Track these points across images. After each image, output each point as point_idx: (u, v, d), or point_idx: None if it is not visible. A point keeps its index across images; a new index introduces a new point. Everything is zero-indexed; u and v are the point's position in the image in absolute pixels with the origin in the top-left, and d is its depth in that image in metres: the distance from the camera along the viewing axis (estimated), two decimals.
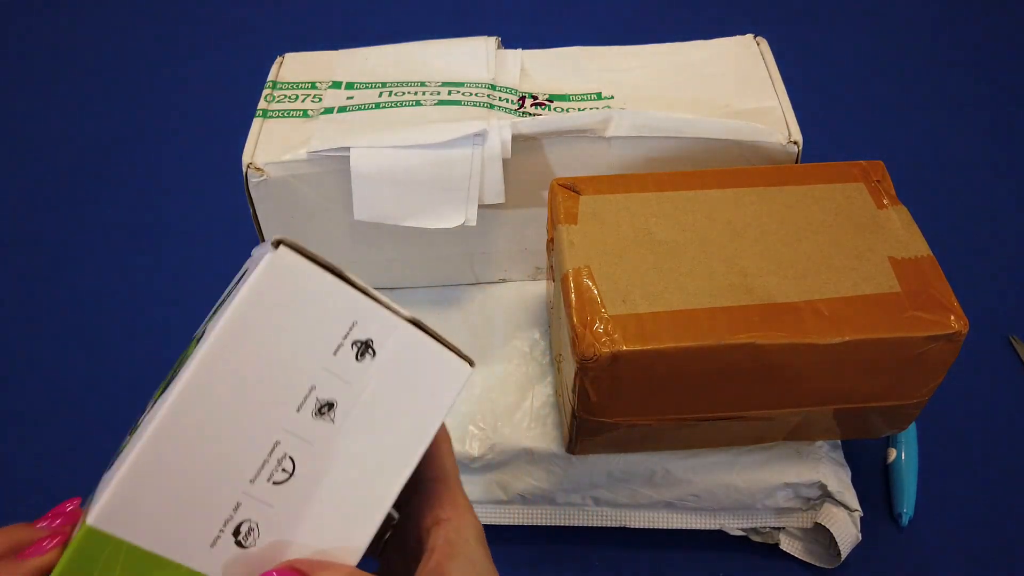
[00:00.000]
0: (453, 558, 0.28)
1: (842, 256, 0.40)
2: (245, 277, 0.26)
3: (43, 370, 0.62)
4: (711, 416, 0.41)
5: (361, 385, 0.26)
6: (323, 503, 0.26)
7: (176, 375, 0.25)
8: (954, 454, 0.54)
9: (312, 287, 0.25)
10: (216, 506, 0.25)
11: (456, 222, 0.46)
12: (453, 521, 0.29)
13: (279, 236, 0.25)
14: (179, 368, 0.26)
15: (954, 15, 0.91)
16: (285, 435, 0.25)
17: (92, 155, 0.79)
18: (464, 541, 0.29)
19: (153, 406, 0.26)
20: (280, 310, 0.25)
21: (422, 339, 0.27)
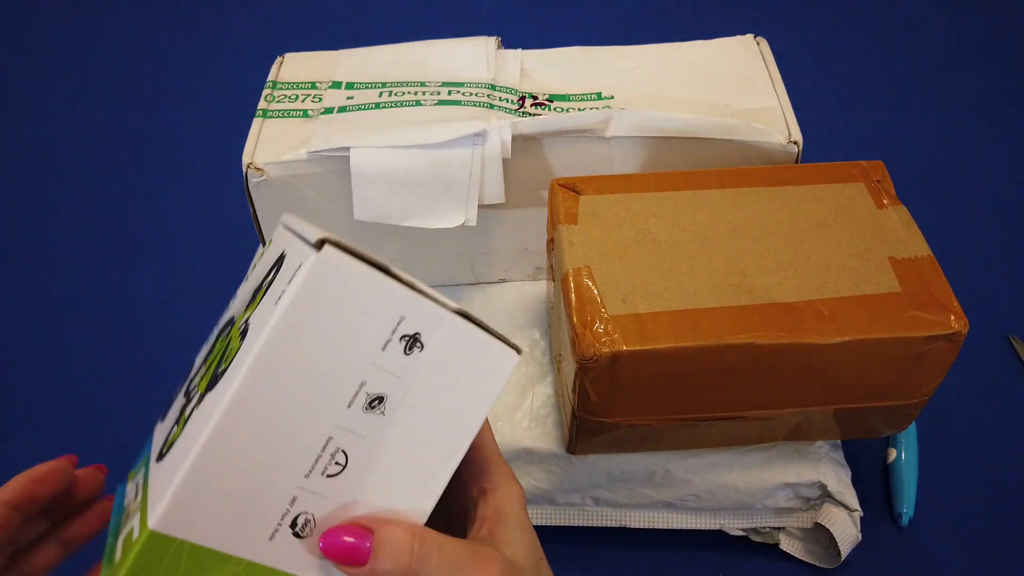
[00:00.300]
0: (505, 524, 0.29)
1: (842, 256, 0.40)
2: (286, 269, 0.25)
3: (43, 370, 0.62)
4: (711, 416, 0.41)
5: (411, 377, 0.26)
6: (376, 490, 0.27)
7: (225, 367, 0.25)
8: (954, 454, 0.54)
9: (359, 285, 0.25)
10: (273, 502, 0.25)
11: (456, 222, 0.46)
12: (501, 490, 0.30)
13: (323, 234, 0.24)
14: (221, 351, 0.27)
15: (954, 15, 0.92)
16: (337, 431, 0.26)
17: (92, 155, 0.79)
18: (512, 509, 0.30)
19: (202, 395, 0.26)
20: (328, 310, 0.24)
21: (470, 329, 0.27)
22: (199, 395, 0.27)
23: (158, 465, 0.27)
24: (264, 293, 0.26)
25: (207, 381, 0.27)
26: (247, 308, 0.28)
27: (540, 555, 0.30)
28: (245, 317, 0.27)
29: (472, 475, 0.31)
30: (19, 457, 0.57)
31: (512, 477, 0.31)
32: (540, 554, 0.31)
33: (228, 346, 0.27)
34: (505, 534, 0.29)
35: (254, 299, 0.27)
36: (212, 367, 0.27)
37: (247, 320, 0.26)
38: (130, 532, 0.26)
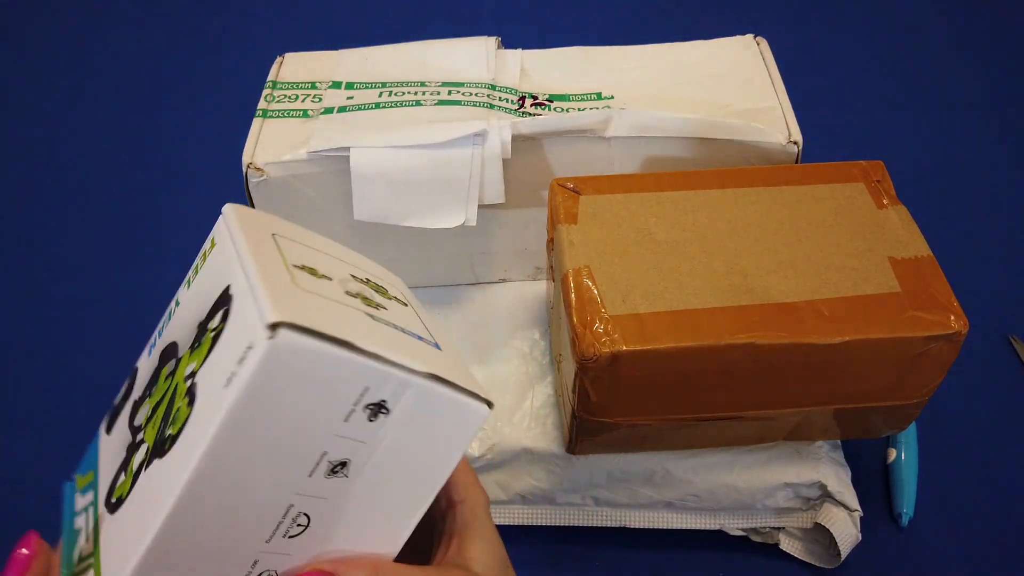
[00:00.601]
0: (472, 539, 0.29)
1: (842, 256, 0.40)
2: (234, 338, 0.24)
3: (42, 370, 0.62)
4: (711, 416, 0.41)
5: (375, 441, 0.25)
6: (340, 540, 0.27)
7: (174, 432, 0.24)
8: (954, 454, 0.54)
9: (318, 365, 0.23)
10: (234, 567, 0.25)
11: (456, 222, 0.46)
12: (467, 502, 0.30)
13: (277, 316, 0.22)
14: (166, 400, 0.26)
15: (954, 15, 0.91)
16: (298, 498, 0.25)
17: (91, 155, 0.79)
18: (478, 520, 0.30)
19: (150, 451, 0.25)
20: (285, 393, 0.23)
21: (439, 390, 0.26)
22: (148, 449, 0.26)
23: (111, 517, 0.26)
24: (211, 342, 0.25)
25: (154, 433, 0.26)
26: (192, 350, 0.26)
27: (506, 563, 0.30)
28: (191, 366, 0.25)
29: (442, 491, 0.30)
30: (19, 457, 0.57)
31: (477, 484, 0.31)
32: (506, 562, 0.31)
33: (173, 400, 0.25)
34: (473, 549, 0.29)
35: (200, 341, 0.26)
36: (158, 419, 0.26)
37: (194, 377, 0.25)
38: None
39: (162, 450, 0.24)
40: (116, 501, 0.26)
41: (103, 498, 0.27)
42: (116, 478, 0.27)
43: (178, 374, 0.26)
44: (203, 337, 0.25)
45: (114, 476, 0.27)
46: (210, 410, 0.23)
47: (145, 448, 0.25)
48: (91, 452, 0.30)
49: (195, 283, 0.28)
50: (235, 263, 0.26)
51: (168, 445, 0.24)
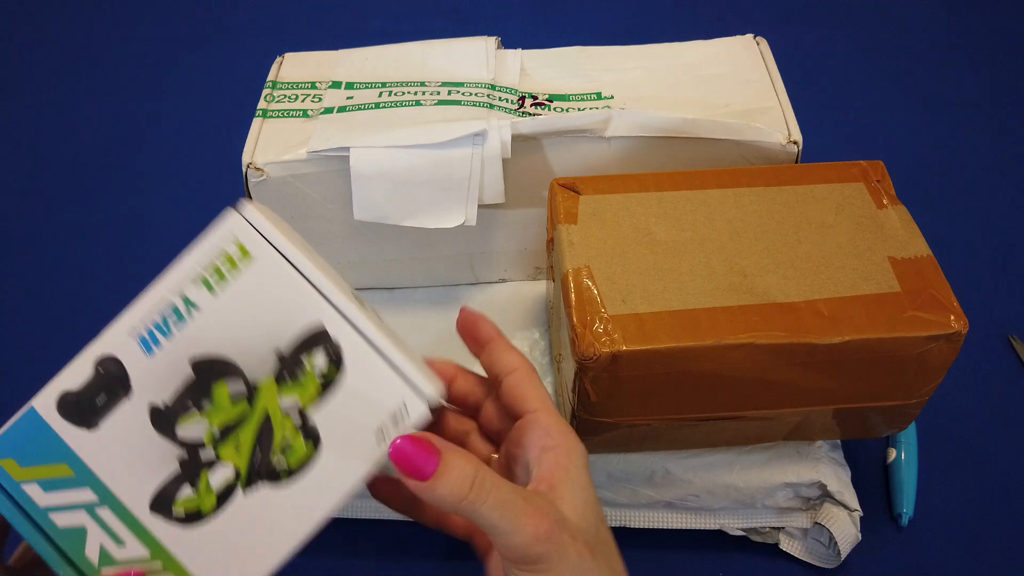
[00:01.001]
0: (563, 481, 0.29)
1: (842, 256, 0.40)
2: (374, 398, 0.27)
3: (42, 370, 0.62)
4: (711, 416, 0.41)
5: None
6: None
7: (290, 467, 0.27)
8: (954, 454, 0.54)
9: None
10: None
11: (456, 222, 0.46)
12: (562, 447, 0.30)
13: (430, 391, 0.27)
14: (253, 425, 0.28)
15: (954, 15, 0.92)
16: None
17: (91, 155, 0.79)
18: (574, 466, 0.30)
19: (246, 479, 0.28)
20: None
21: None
22: (239, 474, 0.27)
23: (184, 530, 0.27)
24: (321, 387, 0.27)
25: (246, 459, 0.27)
26: (283, 383, 0.28)
27: (600, 518, 0.30)
28: (292, 401, 0.27)
29: (534, 438, 0.31)
30: None
31: (574, 437, 0.31)
32: (601, 517, 0.30)
33: (272, 430, 0.27)
34: (563, 490, 0.29)
35: (296, 377, 0.27)
36: (247, 444, 0.27)
37: (306, 416, 0.27)
38: None
39: (276, 479, 0.26)
40: (189, 516, 0.27)
41: (142, 504, 0.27)
42: (170, 489, 0.27)
43: (265, 404, 0.27)
44: (299, 374, 0.27)
45: (162, 486, 0.27)
46: (356, 461, 0.26)
47: (232, 470, 0.27)
48: (40, 441, 0.28)
49: (230, 295, 0.28)
50: (318, 300, 0.28)
51: (285, 476, 0.26)
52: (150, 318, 0.29)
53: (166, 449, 0.28)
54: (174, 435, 0.28)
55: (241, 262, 0.28)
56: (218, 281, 0.28)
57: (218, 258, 0.28)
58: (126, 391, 0.28)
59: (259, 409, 0.27)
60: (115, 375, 0.28)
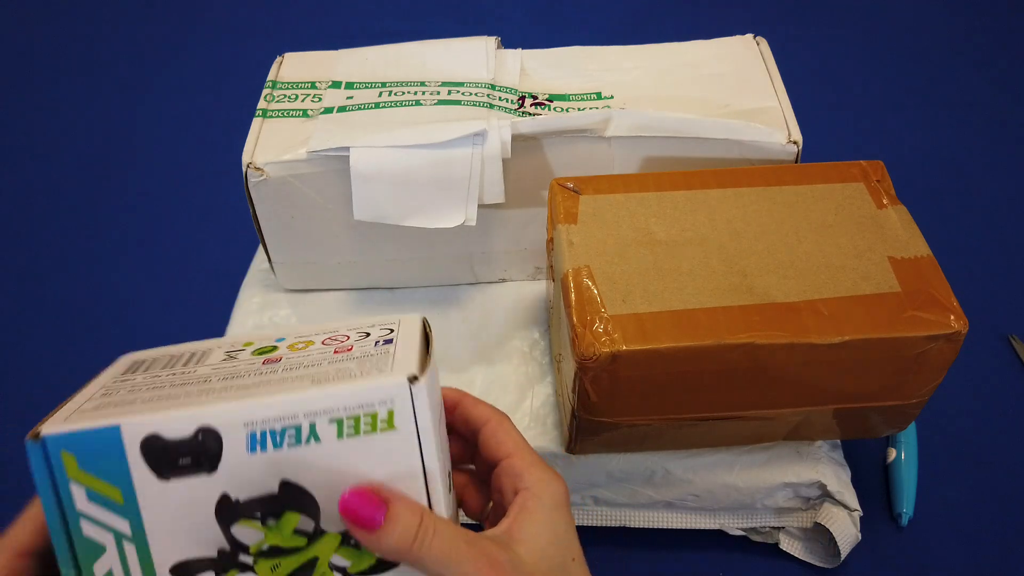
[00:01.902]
0: (525, 522, 0.29)
1: (842, 256, 0.40)
2: None
3: (41, 370, 0.62)
4: (711, 416, 0.41)
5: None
6: None
7: None
8: (954, 454, 0.54)
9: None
10: None
11: (456, 222, 0.46)
12: (531, 488, 0.31)
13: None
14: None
15: (954, 15, 0.92)
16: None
17: (91, 155, 0.79)
18: (541, 505, 0.30)
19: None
20: None
21: None
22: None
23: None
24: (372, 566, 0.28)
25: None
26: (346, 545, 0.28)
27: (571, 555, 0.30)
28: (342, 560, 0.28)
29: (508, 483, 0.31)
30: (19, 457, 0.57)
31: (548, 476, 0.31)
32: (572, 555, 0.31)
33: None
34: (522, 531, 0.29)
35: (357, 546, 0.28)
36: (284, 573, 0.28)
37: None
38: None
39: None
40: None
41: (165, 563, 0.28)
42: (197, 567, 0.28)
43: (320, 550, 0.28)
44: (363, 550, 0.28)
45: (191, 559, 0.28)
46: None
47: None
48: (108, 459, 0.28)
49: (353, 446, 0.28)
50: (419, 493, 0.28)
51: None
52: (271, 423, 0.28)
53: (214, 534, 0.28)
54: (228, 529, 0.28)
55: (382, 428, 0.28)
56: (351, 431, 0.28)
57: (365, 412, 0.28)
58: (211, 469, 0.28)
59: (312, 551, 0.28)
60: (210, 451, 0.28)
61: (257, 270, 0.56)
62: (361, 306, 0.54)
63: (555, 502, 0.31)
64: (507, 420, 0.34)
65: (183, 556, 0.28)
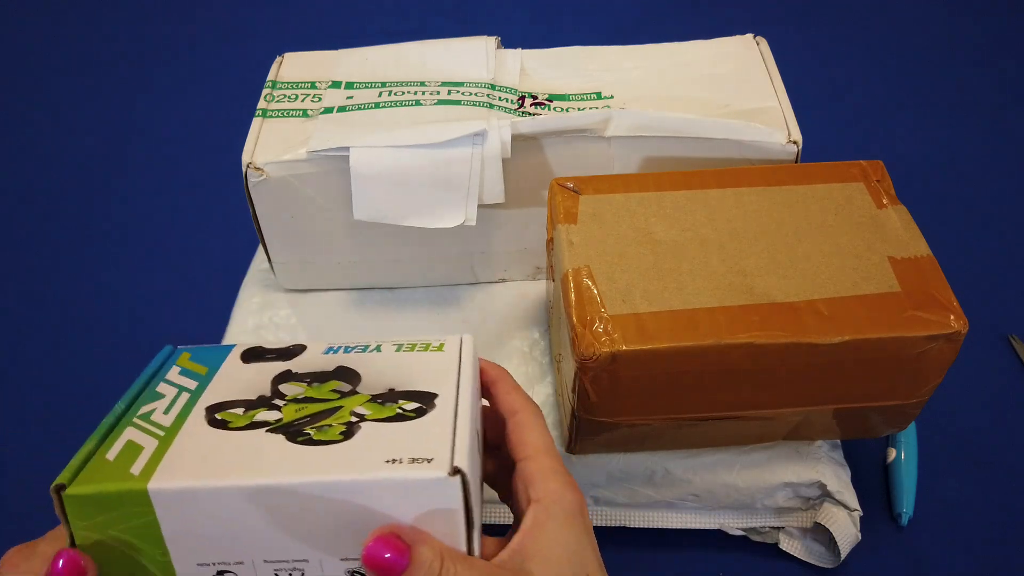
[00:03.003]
0: (537, 538, 0.29)
1: (842, 256, 0.40)
2: None
3: (41, 370, 0.62)
4: (711, 416, 0.41)
5: None
6: None
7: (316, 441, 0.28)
8: (954, 454, 0.54)
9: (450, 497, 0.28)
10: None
11: (456, 222, 0.46)
12: (542, 500, 0.30)
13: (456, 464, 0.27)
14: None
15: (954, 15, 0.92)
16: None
17: (92, 155, 0.79)
18: (552, 518, 0.29)
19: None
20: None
21: None
22: (280, 420, 0.30)
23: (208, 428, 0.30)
24: (394, 416, 0.30)
25: (291, 415, 0.30)
26: (373, 401, 0.31)
27: (587, 569, 0.30)
28: (363, 409, 0.30)
29: (521, 489, 0.31)
30: (18, 457, 0.57)
31: (559, 483, 0.30)
32: (588, 568, 0.30)
33: (329, 415, 0.30)
34: (535, 546, 0.29)
35: (385, 403, 0.31)
36: (304, 411, 0.30)
37: (362, 420, 0.30)
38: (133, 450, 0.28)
39: (293, 437, 0.28)
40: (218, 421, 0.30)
41: (203, 405, 0.31)
42: (225, 405, 0.31)
43: (347, 402, 0.30)
44: (389, 403, 0.30)
45: (230, 400, 0.31)
46: (360, 466, 0.27)
47: (277, 417, 0.30)
48: (213, 353, 0.35)
49: (407, 357, 0.34)
50: (452, 390, 0.31)
51: (300, 439, 0.28)
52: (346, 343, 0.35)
53: (262, 388, 0.32)
54: (277, 385, 0.32)
55: (431, 349, 0.34)
56: (409, 349, 0.35)
57: (419, 344, 0.35)
58: (288, 359, 0.34)
59: (340, 402, 0.30)
60: (295, 353, 0.34)
61: (257, 270, 0.56)
62: (361, 306, 0.54)
63: (567, 514, 0.30)
64: (535, 416, 0.33)
65: (225, 398, 0.31)
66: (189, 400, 0.31)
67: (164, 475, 0.26)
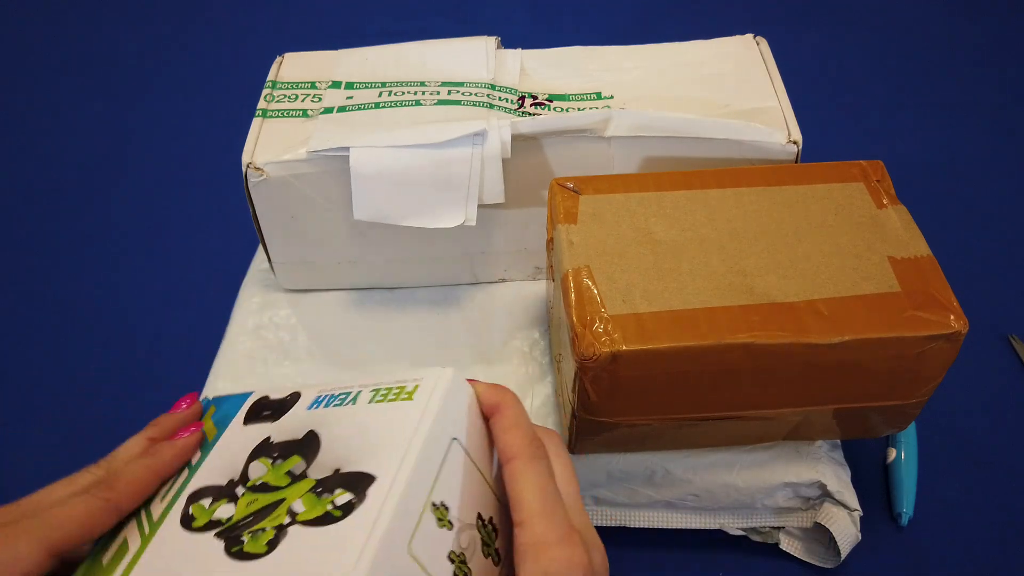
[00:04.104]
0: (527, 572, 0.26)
1: (842, 256, 0.40)
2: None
3: (41, 370, 0.62)
4: (711, 416, 0.41)
5: None
6: None
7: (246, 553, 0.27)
8: (954, 454, 0.54)
9: None
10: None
11: (456, 222, 0.46)
12: (525, 524, 0.28)
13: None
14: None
15: (954, 15, 0.92)
16: None
17: (91, 155, 0.79)
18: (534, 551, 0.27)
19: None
20: None
21: None
22: (227, 521, 0.28)
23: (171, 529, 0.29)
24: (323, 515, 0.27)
25: (239, 516, 0.29)
26: (311, 492, 0.28)
27: None
28: (299, 505, 0.28)
29: (517, 559, 0.28)
30: (18, 456, 0.57)
31: (558, 564, 0.27)
32: None
33: (267, 513, 0.28)
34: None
35: (320, 495, 0.28)
36: (255, 508, 0.29)
37: (292, 525, 0.27)
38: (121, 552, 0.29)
39: (231, 547, 0.27)
40: (185, 518, 0.30)
41: (189, 489, 0.31)
42: (200, 496, 0.30)
43: (290, 492, 0.28)
44: (325, 495, 0.27)
45: (207, 486, 0.30)
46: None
47: (229, 515, 0.28)
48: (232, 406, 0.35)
49: (373, 412, 0.30)
50: (395, 466, 0.27)
51: (235, 551, 0.27)
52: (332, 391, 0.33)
53: (237, 467, 0.31)
54: (248, 463, 0.31)
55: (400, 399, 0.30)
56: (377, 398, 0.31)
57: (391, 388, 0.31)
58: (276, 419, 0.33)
59: (284, 492, 0.28)
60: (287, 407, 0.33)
61: (257, 270, 0.56)
62: (361, 306, 0.54)
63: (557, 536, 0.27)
64: (530, 462, 0.29)
65: (203, 484, 0.31)
66: (183, 483, 0.32)
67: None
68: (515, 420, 0.30)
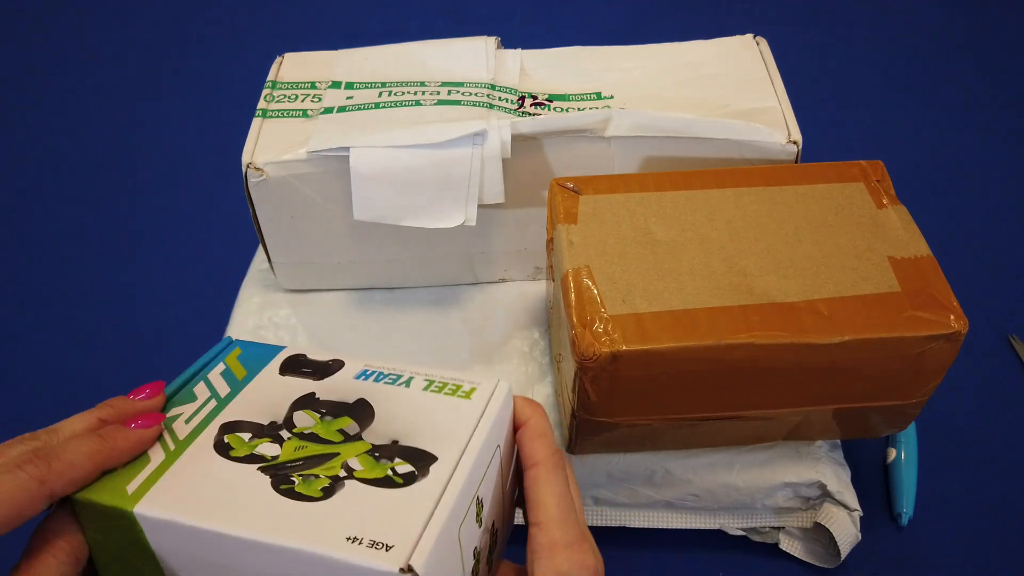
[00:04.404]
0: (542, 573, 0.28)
1: (842, 256, 0.40)
2: None
3: (41, 370, 0.62)
4: (711, 416, 0.41)
5: None
6: None
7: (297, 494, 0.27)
8: (954, 454, 0.54)
9: None
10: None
11: (456, 222, 0.46)
12: (542, 525, 0.29)
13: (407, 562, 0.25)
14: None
15: (954, 15, 0.92)
16: None
17: (92, 155, 0.79)
18: (547, 554, 0.28)
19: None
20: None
21: None
22: (276, 459, 0.29)
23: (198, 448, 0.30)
24: (381, 479, 0.28)
25: (288, 453, 0.30)
26: (369, 454, 0.29)
27: None
28: (355, 462, 0.29)
29: (531, 559, 0.29)
30: None
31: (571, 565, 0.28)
32: None
33: (321, 461, 0.29)
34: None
35: (379, 458, 0.29)
36: (301, 451, 0.30)
37: (350, 477, 0.28)
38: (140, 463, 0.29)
39: (280, 484, 0.28)
40: (220, 445, 0.30)
41: (220, 420, 0.31)
42: (241, 426, 0.31)
43: (346, 449, 0.30)
44: (384, 460, 0.29)
45: (243, 420, 0.31)
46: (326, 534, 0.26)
47: (275, 453, 0.29)
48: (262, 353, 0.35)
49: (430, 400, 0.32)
50: (456, 455, 0.29)
51: (285, 488, 0.28)
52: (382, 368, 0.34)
53: (278, 412, 0.32)
54: (292, 411, 0.32)
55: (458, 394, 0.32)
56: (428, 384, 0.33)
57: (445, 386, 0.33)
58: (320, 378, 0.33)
59: (339, 448, 0.30)
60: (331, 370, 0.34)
61: (257, 270, 0.56)
62: (361, 306, 0.54)
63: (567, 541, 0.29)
64: (553, 470, 0.30)
65: (239, 417, 0.31)
66: (212, 411, 0.32)
67: (152, 500, 0.27)
68: (543, 430, 0.32)
